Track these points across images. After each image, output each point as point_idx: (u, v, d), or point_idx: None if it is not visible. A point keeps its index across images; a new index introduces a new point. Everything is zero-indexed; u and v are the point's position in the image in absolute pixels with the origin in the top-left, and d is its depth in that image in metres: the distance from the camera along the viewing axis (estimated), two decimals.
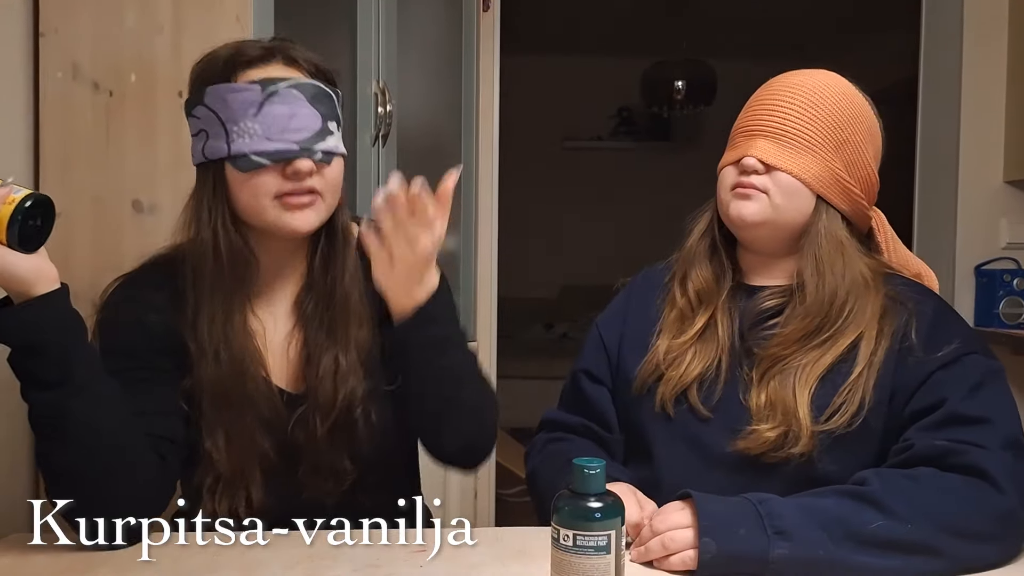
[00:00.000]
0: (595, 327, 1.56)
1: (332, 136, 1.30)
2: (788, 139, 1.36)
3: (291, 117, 1.26)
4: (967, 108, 3.11)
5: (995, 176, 3.13)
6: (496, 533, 1.31)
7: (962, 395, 1.25)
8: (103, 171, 1.77)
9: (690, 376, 1.38)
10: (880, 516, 1.14)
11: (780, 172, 1.35)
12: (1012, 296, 3.05)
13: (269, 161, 1.26)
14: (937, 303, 1.38)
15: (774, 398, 1.31)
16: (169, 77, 1.79)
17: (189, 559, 1.18)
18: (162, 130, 1.78)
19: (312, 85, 1.29)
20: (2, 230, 1.12)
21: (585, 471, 1.00)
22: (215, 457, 1.31)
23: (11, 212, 1.12)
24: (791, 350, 1.34)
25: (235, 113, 1.26)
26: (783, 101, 1.38)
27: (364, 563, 1.16)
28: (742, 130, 1.42)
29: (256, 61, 1.29)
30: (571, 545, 0.98)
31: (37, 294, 1.14)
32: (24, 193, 1.13)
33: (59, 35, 1.77)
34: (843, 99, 1.39)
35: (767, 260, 1.44)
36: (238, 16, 1.80)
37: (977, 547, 1.16)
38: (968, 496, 1.16)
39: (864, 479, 1.20)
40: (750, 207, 1.36)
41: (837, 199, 1.37)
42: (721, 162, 1.44)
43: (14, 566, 1.16)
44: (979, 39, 3.10)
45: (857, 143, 1.38)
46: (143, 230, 1.78)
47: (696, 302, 1.44)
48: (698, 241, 1.48)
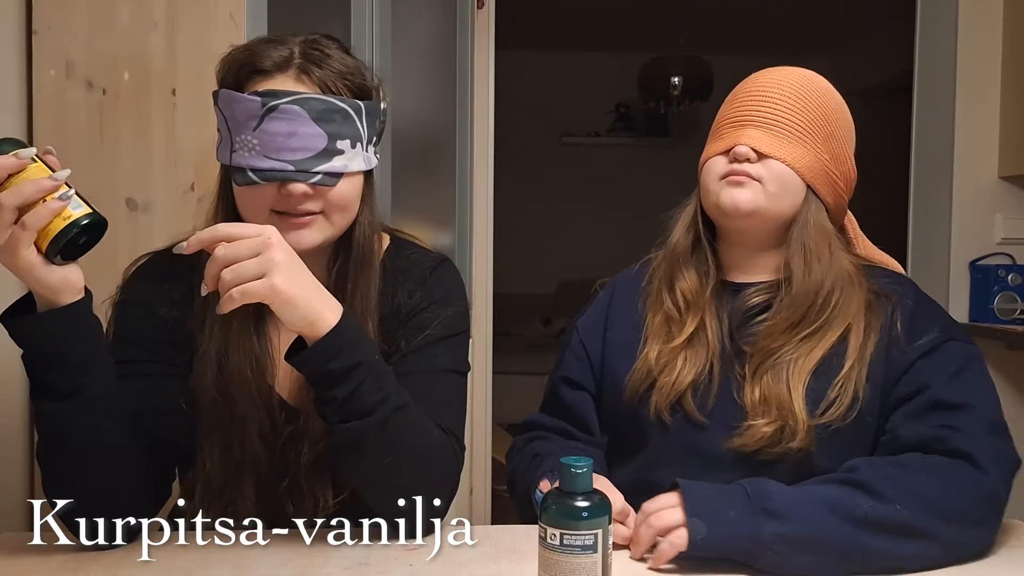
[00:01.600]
0: (575, 333, 1.55)
1: (340, 156, 1.23)
2: (780, 128, 1.36)
3: (290, 136, 1.20)
4: (962, 104, 3.11)
5: (990, 172, 3.13)
6: (487, 531, 1.31)
7: (944, 381, 1.28)
8: (97, 169, 1.77)
9: (683, 383, 1.37)
10: (870, 499, 1.16)
11: (773, 160, 1.36)
12: (1007, 291, 3.05)
13: (262, 180, 1.21)
14: (916, 293, 1.40)
15: (768, 393, 1.32)
16: (163, 75, 1.80)
17: (182, 557, 1.18)
18: (156, 128, 1.78)
19: (320, 101, 1.21)
20: (45, 241, 1.08)
21: (572, 470, 1.00)
22: (208, 464, 1.30)
23: (63, 228, 1.08)
24: (780, 342, 1.34)
25: (238, 123, 1.21)
26: (772, 92, 1.38)
27: (356, 561, 1.17)
28: (729, 121, 1.42)
29: (265, 72, 1.23)
30: (558, 544, 0.98)
31: (62, 304, 1.11)
32: (83, 212, 1.10)
33: (52, 33, 1.77)
34: (827, 94, 1.41)
35: (750, 255, 1.43)
36: (231, 13, 1.81)
37: (967, 531, 1.19)
38: (954, 478, 1.19)
39: (852, 467, 1.22)
40: (744, 194, 1.35)
41: (824, 190, 1.39)
42: (705, 154, 1.44)
43: (7, 565, 1.17)
44: (974, 34, 3.10)
45: (840, 137, 1.40)
46: (137, 228, 1.79)
47: (684, 306, 1.43)
48: (683, 236, 1.47)
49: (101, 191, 1.77)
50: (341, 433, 1.17)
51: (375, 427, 1.16)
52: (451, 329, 1.36)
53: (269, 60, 1.23)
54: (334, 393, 1.15)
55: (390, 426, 1.17)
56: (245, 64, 1.24)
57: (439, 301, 1.37)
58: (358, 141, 1.25)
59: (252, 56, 1.24)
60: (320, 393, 1.17)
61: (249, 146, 1.20)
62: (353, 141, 1.25)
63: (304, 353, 1.14)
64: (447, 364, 1.35)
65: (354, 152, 1.25)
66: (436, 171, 2.92)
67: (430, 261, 1.40)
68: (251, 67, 1.24)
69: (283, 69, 1.23)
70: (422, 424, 1.24)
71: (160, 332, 1.30)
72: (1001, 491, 1.21)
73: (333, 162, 1.23)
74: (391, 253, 1.39)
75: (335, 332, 1.14)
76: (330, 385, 1.15)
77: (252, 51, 1.25)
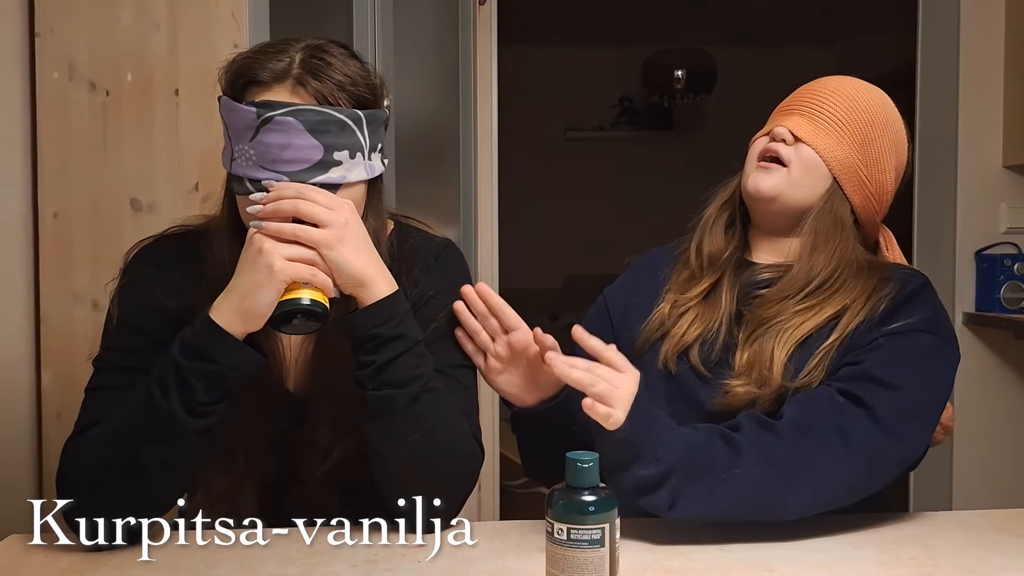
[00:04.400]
0: (601, 296, 1.61)
1: (338, 167, 1.22)
2: (820, 119, 1.42)
3: (284, 148, 1.19)
4: (965, 93, 3.10)
5: (994, 161, 3.12)
6: (494, 527, 1.32)
7: (887, 360, 1.29)
8: (101, 170, 1.78)
9: (691, 336, 1.42)
10: (731, 466, 1.20)
11: (805, 146, 1.41)
12: (1013, 281, 3.04)
13: (257, 191, 1.21)
14: (924, 287, 1.38)
15: (753, 358, 1.36)
16: (166, 76, 1.80)
17: (188, 557, 1.19)
18: (159, 129, 1.78)
19: (315, 112, 1.20)
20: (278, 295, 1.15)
21: (578, 465, 1.00)
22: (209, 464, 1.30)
23: (295, 298, 1.16)
24: (774, 310, 1.38)
25: (237, 133, 1.21)
26: (826, 90, 1.45)
27: (362, 559, 1.17)
28: (780, 110, 1.50)
29: (262, 83, 1.22)
30: (565, 539, 0.98)
31: (238, 334, 1.18)
32: (320, 298, 1.17)
33: (55, 35, 1.78)
34: (880, 106, 1.46)
35: (773, 239, 1.48)
36: (233, 13, 1.81)
37: (781, 500, 1.23)
38: (811, 456, 1.23)
39: (738, 425, 1.26)
40: (768, 180, 1.42)
41: (850, 187, 1.42)
42: (755, 136, 1.50)
43: (16, 567, 1.17)
44: (976, 24, 3.09)
45: (881, 147, 1.44)
46: (141, 229, 1.78)
47: (707, 264, 1.48)
48: (718, 211, 1.52)
49: (105, 192, 1.77)
50: (372, 400, 1.21)
51: (406, 399, 1.21)
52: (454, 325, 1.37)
53: (266, 72, 1.22)
54: (374, 357, 1.20)
55: (420, 404, 1.22)
56: (242, 75, 1.24)
57: (444, 292, 1.37)
58: (358, 151, 1.24)
59: (250, 66, 1.23)
60: (360, 356, 1.22)
61: (247, 156, 1.21)
62: (352, 151, 1.23)
63: (356, 313, 1.21)
64: (458, 359, 1.36)
65: (353, 163, 1.24)
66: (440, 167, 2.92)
67: (434, 247, 1.41)
68: (247, 78, 1.23)
69: (280, 80, 1.22)
70: (452, 413, 1.27)
71: (163, 321, 1.29)
72: (855, 479, 1.24)
73: (329, 174, 1.22)
74: (395, 239, 1.39)
75: (388, 301, 1.21)
76: (372, 350, 1.20)
77: (251, 60, 1.24)
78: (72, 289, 1.74)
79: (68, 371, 1.72)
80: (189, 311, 1.25)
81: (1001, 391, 3.12)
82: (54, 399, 1.75)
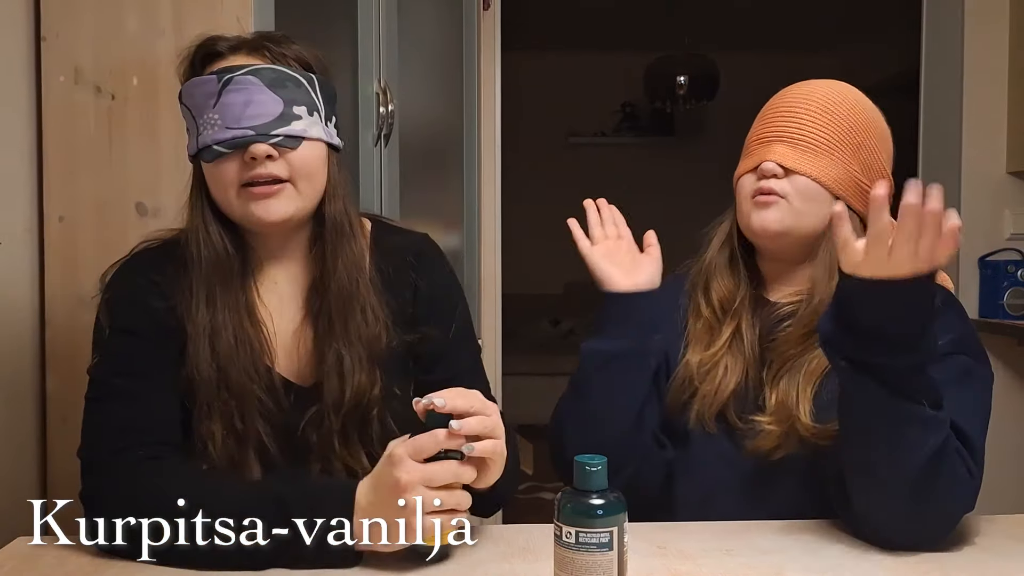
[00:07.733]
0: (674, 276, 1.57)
1: (299, 121, 1.28)
2: (806, 143, 1.37)
3: (247, 104, 1.25)
4: (969, 99, 3.11)
5: (998, 167, 3.13)
6: (500, 530, 1.32)
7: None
8: (106, 175, 1.78)
9: (725, 392, 1.40)
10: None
11: (799, 176, 1.37)
12: (1016, 287, 3.05)
13: (227, 149, 1.25)
14: (948, 304, 1.35)
15: (783, 398, 1.34)
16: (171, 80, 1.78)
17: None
18: (165, 133, 1.78)
19: (271, 70, 1.27)
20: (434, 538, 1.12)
21: (586, 468, 1.00)
22: (210, 448, 1.29)
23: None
24: (798, 349, 1.35)
25: (200, 106, 1.27)
26: (798, 108, 1.39)
27: (368, 558, 1.16)
28: (757, 139, 1.43)
29: (220, 55, 1.30)
30: (573, 542, 0.98)
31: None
32: (437, 544, 1.14)
33: (60, 39, 1.78)
34: (856, 105, 1.41)
35: (787, 268, 1.45)
36: (239, 17, 1.81)
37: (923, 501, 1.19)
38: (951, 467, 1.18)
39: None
40: (771, 215, 1.37)
41: (856, 201, 1.38)
42: (737, 172, 1.45)
43: (24, 568, 1.17)
44: (980, 30, 3.10)
45: (872, 147, 1.40)
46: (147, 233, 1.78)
47: (721, 312, 1.45)
48: (717, 252, 1.49)
49: (111, 196, 1.77)
50: None
51: None
52: (465, 319, 1.45)
53: (223, 43, 1.31)
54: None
55: None
56: (200, 48, 1.32)
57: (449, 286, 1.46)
58: (315, 110, 1.30)
59: (208, 43, 1.32)
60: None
61: (212, 123, 1.26)
62: (310, 109, 1.29)
63: None
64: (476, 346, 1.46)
65: (312, 120, 1.30)
66: (444, 172, 2.92)
67: (414, 243, 1.45)
68: (206, 50, 1.31)
69: (236, 50, 1.31)
70: None
71: (154, 322, 1.31)
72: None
73: (292, 125, 1.27)
74: (376, 235, 1.44)
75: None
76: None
77: (209, 39, 1.33)
78: (78, 293, 1.73)
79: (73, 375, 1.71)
80: (176, 311, 1.30)
81: (1005, 397, 3.12)
82: (59, 403, 1.75)
